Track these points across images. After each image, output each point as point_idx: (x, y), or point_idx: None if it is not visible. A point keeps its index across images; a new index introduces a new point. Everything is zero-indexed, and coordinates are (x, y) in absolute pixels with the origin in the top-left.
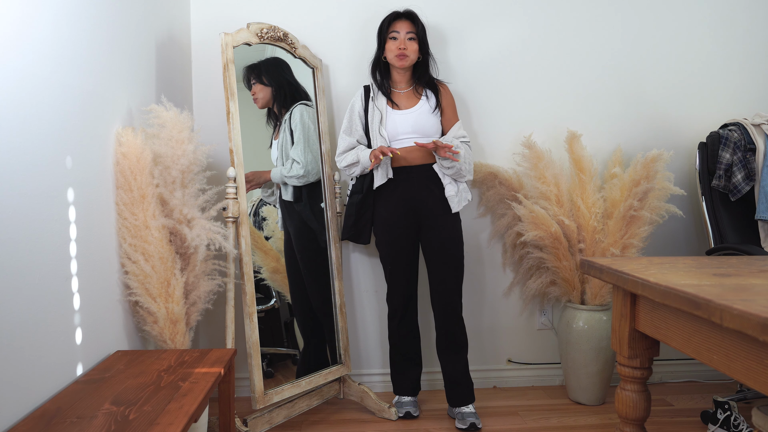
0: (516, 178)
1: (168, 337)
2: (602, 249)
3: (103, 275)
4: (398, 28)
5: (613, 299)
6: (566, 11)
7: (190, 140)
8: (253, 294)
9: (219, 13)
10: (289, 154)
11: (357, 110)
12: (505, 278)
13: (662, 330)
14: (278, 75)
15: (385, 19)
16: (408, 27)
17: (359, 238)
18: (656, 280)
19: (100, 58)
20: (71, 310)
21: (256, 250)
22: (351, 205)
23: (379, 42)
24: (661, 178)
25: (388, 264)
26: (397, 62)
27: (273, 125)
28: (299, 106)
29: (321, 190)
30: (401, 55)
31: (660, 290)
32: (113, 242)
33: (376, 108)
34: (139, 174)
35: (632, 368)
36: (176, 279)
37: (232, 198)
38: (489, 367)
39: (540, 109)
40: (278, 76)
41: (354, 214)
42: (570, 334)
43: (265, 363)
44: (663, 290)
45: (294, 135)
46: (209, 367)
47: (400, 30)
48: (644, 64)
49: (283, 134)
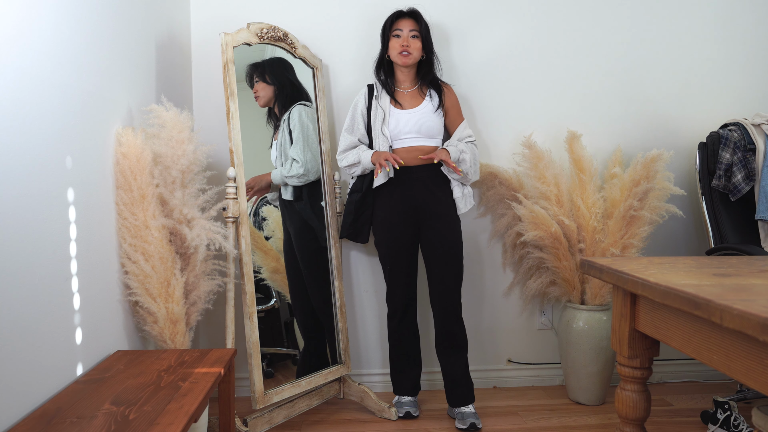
0: (516, 178)
1: (168, 337)
2: (602, 249)
3: (103, 275)
4: (401, 26)
5: (613, 299)
6: (567, 11)
7: (190, 140)
8: (253, 294)
9: (219, 13)
10: (288, 154)
11: (360, 108)
12: (505, 278)
13: (662, 330)
14: (281, 74)
15: (388, 18)
16: (411, 25)
17: (357, 237)
18: (656, 280)
19: (100, 58)
20: (71, 310)
21: (256, 250)
22: (350, 203)
23: (382, 41)
24: (661, 178)
25: (387, 264)
26: (400, 60)
27: (273, 125)
28: (297, 106)
29: (321, 189)
30: (404, 53)
31: (660, 290)
32: (113, 242)
33: (379, 107)
34: (139, 174)
35: (632, 368)
36: (176, 279)
37: (232, 198)
38: (489, 366)
39: (540, 109)
40: (281, 75)
41: (353, 212)
42: (570, 334)
43: (265, 363)
44: (663, 290)
45: (293, 134)
46: (209, 367)
47: (403, 28)
48: (645, 64)
49: (282, 134)
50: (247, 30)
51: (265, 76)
